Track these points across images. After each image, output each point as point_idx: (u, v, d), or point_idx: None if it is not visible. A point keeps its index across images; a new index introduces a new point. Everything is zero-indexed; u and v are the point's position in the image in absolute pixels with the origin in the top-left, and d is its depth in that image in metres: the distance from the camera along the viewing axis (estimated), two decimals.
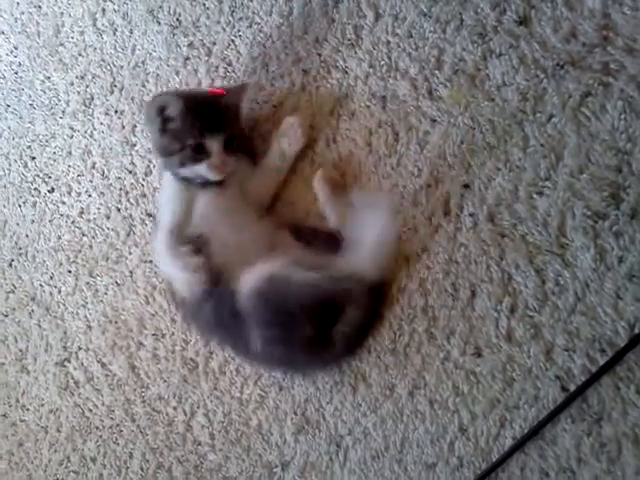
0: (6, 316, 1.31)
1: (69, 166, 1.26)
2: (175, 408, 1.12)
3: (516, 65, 0.90)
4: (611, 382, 0.82)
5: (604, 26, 0.86)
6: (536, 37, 0.90)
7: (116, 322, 1.18)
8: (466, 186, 0.93)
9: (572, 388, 0.84)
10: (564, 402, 0.83)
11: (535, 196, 0.88)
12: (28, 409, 1.26)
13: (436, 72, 0.95)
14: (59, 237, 1.26)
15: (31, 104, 1.31)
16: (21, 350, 1.29)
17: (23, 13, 1.33)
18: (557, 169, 0.87)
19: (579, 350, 0.84)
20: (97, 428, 1.19)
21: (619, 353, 0.81)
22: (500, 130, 0.91)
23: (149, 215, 1.17)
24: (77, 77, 1.26)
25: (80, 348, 1.22)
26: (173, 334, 1.13)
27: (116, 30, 1.22)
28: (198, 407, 1.09)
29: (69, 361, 1.23)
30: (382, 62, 0.99)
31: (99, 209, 1.22)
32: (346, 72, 1.02)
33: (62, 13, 1.28)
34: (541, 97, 0.89)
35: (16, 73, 1.34)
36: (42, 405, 1.25)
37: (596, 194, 0.85)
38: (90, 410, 1.19)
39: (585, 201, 0.85)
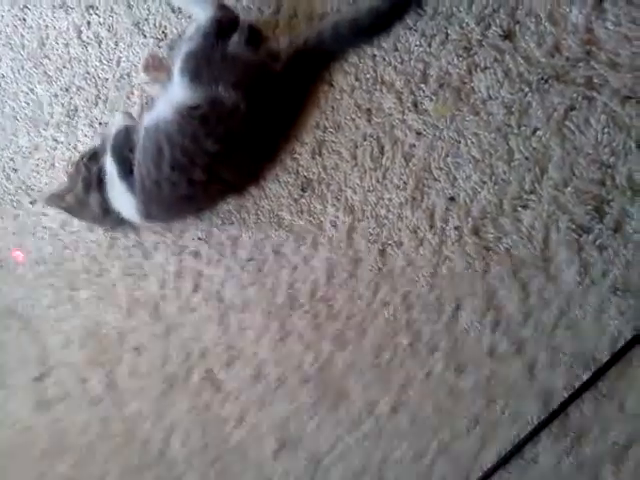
0: None
1: (52, 178, 1.24)
2: (154, 425, 1.09)
3: (501, 79, 0.90)
4: (593, 398, 0.81)
5: (587, 41, 0.86)
6: (520, 51, 0.90)
7: (96, 336, 1.16)
8: (451, 199, 0.92)
9: (554, 404, 0.83)
10: (546, 420, 0.82)
11: (520, 209, 0.88)
12: (3, 425, 1.23)
13: (422, 85, 0.95)
14: (40, 249, 1.24)
15: (14, 116, 1.30)
16: None
17: (8, 25, 1.31)
18: (542, 182, 0.87)
19: (562, 365, 0.83)
20: (72, 446, 1.16)
21: (601, 369, 0.80)
22: (485, 143, 0.91)
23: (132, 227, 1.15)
24: (61, 89, 1.25)
25: (59, 363, 1.19)
26: (153, 349, 1.10)
27: (101, 42, 1.21)
28: (176, 425, 1.07)
29: (47, 376, 1.20)
30: (368, 75, 0.99)
31: (81, 222, 1.21)
32: (332, 85, 1.01)
33: (47, 26, 1.27)
34: (526, 111, 0.89)
35: None
36: (17, 422, 1.22)
37: (580, 207, 0.85)
38: (66, 428, 1.16)
39: (569, 214, 0.85)
